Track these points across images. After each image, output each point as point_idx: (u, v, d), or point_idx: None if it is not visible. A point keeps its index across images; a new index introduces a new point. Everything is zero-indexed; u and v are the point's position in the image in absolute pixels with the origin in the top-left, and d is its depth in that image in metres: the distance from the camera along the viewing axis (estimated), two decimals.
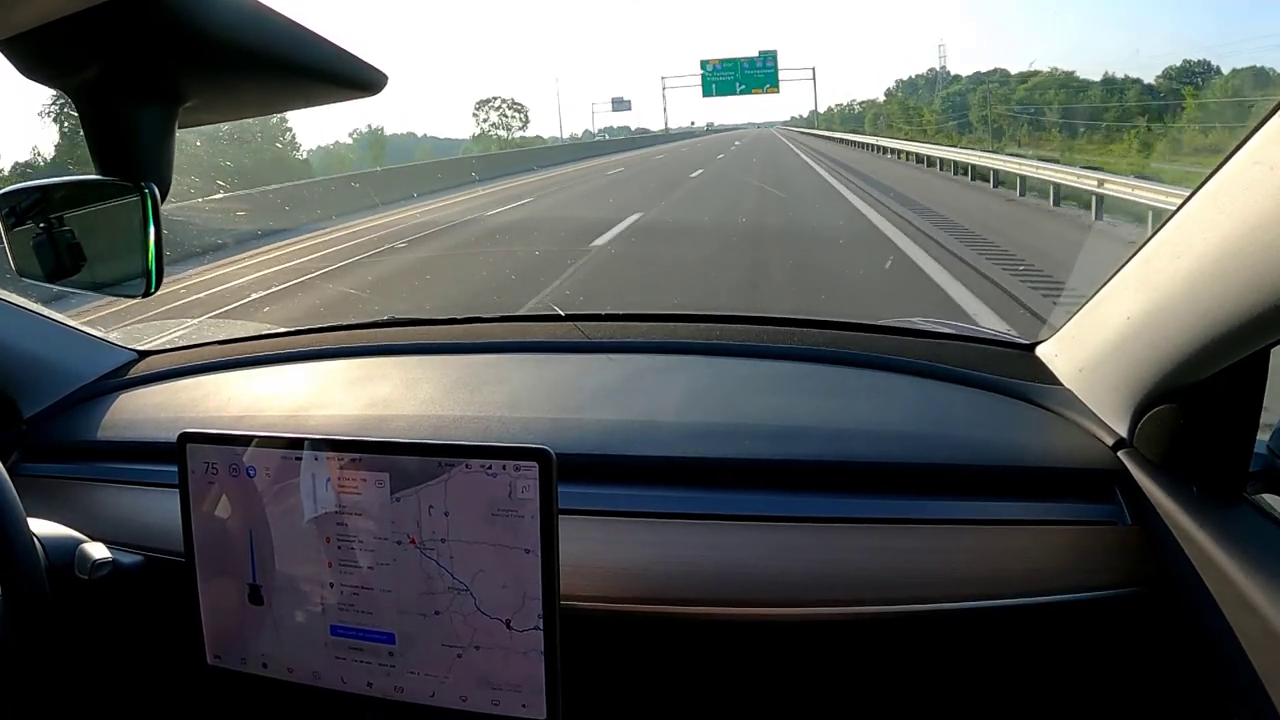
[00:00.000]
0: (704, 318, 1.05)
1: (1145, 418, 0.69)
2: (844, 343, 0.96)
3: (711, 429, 0.82)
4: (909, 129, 37.01)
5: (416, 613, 0.65)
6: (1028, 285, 4.79)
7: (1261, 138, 0.46)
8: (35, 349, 1.01)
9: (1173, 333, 0.58)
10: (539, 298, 4.94)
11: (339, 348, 1.09)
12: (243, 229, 9.48)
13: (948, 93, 40.59)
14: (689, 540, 0.73)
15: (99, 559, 0.73)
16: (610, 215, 8.88)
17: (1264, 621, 0.55)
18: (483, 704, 0.64)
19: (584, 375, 0.98)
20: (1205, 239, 0.52)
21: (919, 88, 46.41)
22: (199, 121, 0.49)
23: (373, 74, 0.46)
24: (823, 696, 0.73)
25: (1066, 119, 27.75)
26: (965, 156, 12.81)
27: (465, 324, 1.13)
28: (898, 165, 16.13)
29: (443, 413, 0.88)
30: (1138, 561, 0.68)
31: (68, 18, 0.35)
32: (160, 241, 0.48)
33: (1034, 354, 0.89)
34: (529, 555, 0.62)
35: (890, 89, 50.52)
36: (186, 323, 3.81)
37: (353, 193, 12.71)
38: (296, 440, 0.66)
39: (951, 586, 0.68)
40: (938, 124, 37.48)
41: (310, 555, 0.67)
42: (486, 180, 17.11)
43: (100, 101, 0.43)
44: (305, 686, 0.68)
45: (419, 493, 0.64)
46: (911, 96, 45.67)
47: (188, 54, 0.41)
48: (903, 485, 0.75)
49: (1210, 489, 0.65)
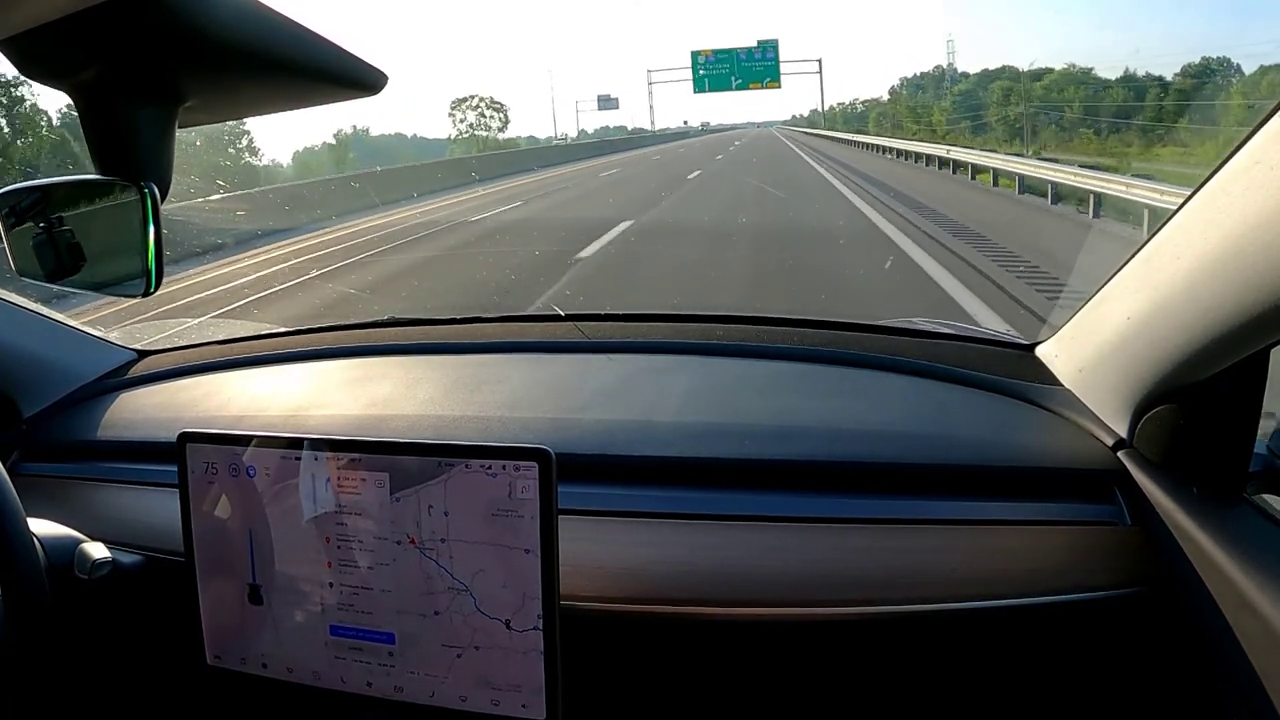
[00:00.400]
0: (704, 318, 1.05)
1: (1145, 418, 0.69)
2: (844, 343, 0.96)
3: (711, 429, 0.82)
4: (917, 128, 36.15)
5: (416, 613, 0.65)
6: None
7: (1262, 137, 0.46)
8: (35, 349, 1.01)
9: (1173, 333, 0.58)
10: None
11: (339, 348, 1.09)
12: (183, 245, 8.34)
13: (957, 91, 39.48)
14: (688, 540, 0.73)
15: (99, 559, 0.73)
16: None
17: (1264, 621, 0.55)
18: (482, 704, 0.64)
19: (584, 375, 0.98)
20: (1206, 239, 0.52)
21: (924, 86, 45.12)
22: (199, 121, 0.49)
23: (373, 74, 0.46)
24: (822, 696, 0.73)
25: (1090, 117, 26.45)
26: (1015, 165, 10.01)
27: (465, 324, 1.13)
28: (933, 176, 13.10)
29: (443, 413, 0.88)
30: (1138, 562, 0.68)
31: (67, 18, 0.35)
32: (160, 241, 0.48)
33: (1034, 354, 0.89)
34: (529, 555, 0.62)
35: (894, 87, 49.40)
36: (186, 322, 3.81)
37: (299, 205, 11.51)
38: (296, 440, 0.66)
39: (951, 586, 0.68)
40: (949, 124, 36.32)
41: (310, 555, 0.66)
42: (456, 189, 15.38)
43: (100, 101, 0.43)
44: (305, 686, 0.68)
45: (419, 493, 0.64)
46: (917, 95, 44.56)
47: (188, 54, 0.41)
48: (902, 485, 0.75)
49: (1210, 489, 0.65)
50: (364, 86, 0.46)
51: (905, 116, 41.42)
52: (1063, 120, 28.64)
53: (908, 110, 42.28)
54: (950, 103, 39.68)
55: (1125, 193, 6.39)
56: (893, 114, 43.96)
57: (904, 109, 43.18)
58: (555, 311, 1.10)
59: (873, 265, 5.65)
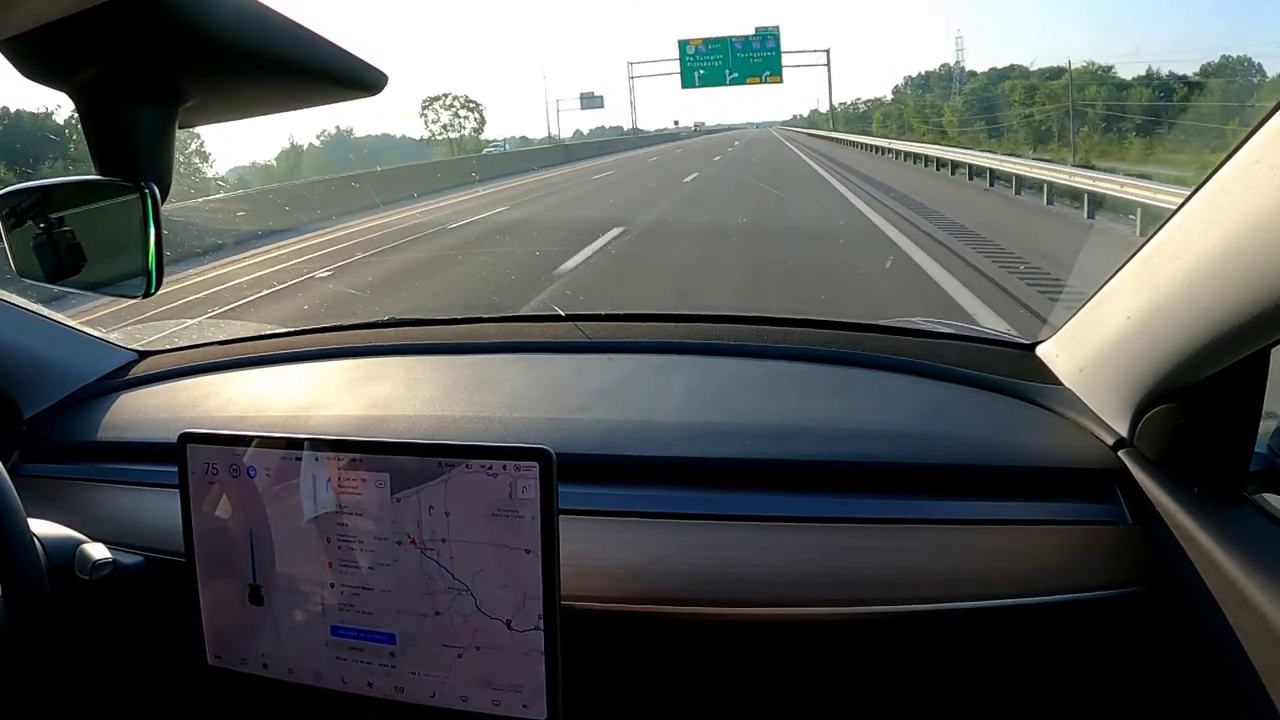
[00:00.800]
0: (704, 317, 1.06)
1: (1146, 417, 0.69)
2: (843, 342, 0.96)
3: (711, 429, 0.82)
4: (926, 129, 35.10)
5: (417, 613, 0.65)
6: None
7: (1262, 137, 0.46)
8: (35, 349, 1.01)
9: (1173, 332, 0.58)
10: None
11: (339, 348, 1.09)
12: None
13: (968, 90, 37.88)
14: (689, 540, 0.73)
15: (99, 559, 0.73)
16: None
17: (1264, 621, 0.55)
18: (483, 704, 0.64)
19: (584, 375, 0.98)
20: (1206, 239, 0.52)
21: (931, 85, 43.44)
22: (199, 121, 0.49)
23: (373, 74, 0.46)
24: (823, 696, 0.73)
25: (1124, 116, 24.52)
26: (1085, 180, 7.77)
27: (465, 324, 1.13)
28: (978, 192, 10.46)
29: (443, 413, 0.88)
30: (1138, 561, 0.68)
31: (68, 18, 0.35)
32: (160, 241, 0.48)
33: (1034, 354, 0.89)
34: (529, 555, 0.62)
35: (899, 86, 48.02)
36: (186, 322, 3.80)
37: (244, 218, 10.57)
38: (297, 440, 0.66)
39: (951, 586, 0.68)
40: (960, 125, 34.74)
41: (310, 555, 0.66)
42: (402, 203, 13.34)
43: (100, 101, 0.43)
44: (305, 687, 0.68)
45: (419, 493, 0.64)
46: (924, 94, 43.08)
47: (188, 54, 0.41)
48: (902, 485, 0.75)
49: (1210, 489, 0.65)
50: (364, 86, 0.46)
51: (913, 117, 40.18)
52: (1091, 120, 26.84)
53: (915, 110, 41.17)
54: (962, 102, 38.19)
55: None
56: (899, 114, 42.86)
57: (911, 109, 42.00)
58: (555, 311, 1.10)
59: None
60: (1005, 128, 32.16)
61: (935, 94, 42.43)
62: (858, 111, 52.91)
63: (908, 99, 44.41)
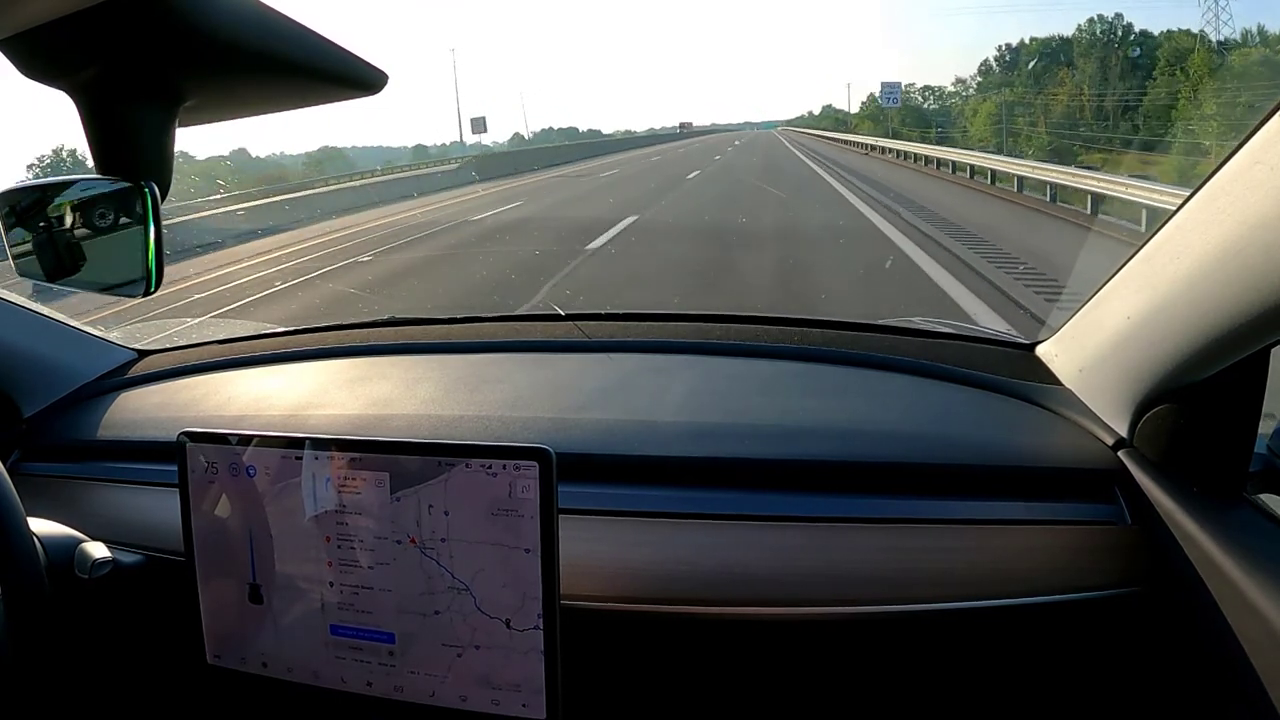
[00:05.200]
0: (704, 317, 1.06)
1: (1145, 417, 0.69)
2: (844, 342, 0.96)
3: (711, 428, 0.82)
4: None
5: (416, 612, 0.65)
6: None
7: (1262, 138, 0.46)
8: (35, 349, 1.01)
9: (1173, 333, 0.58)
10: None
11: (339, 347, 1.09)
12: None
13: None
14: (689, 540, 0.73)
15: (99, 558, 0.73)
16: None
17: (1264, 621, 0.55)
18: (482, 704, 0.64)
19: (584, 375, 0.98)
20: (1205, 239, 0.52)
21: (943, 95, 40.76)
22: (199, 121, 0.49)
23: (373, 74, 0.46)
24: (823, 696, 0.73)
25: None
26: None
27: (465, 323, 1.14)
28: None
29: (443, 412, 0.88)
30: (1138, 561, 0.68)
31: (68, 18, 0.35)
32: (160, 241, 0.48)
33: (1034, 354, 0.89)
34: (529, 555, 0.62)
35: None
36: (186, 322, 3.80)
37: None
38: (297, 440, 0.66)
39: (952, 586, 0.68)
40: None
41: (310, 555, 0.66)
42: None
43: (100, 101, 0.43)
44: (305, 686, 0.68)
45: (419, 492, 0.64)
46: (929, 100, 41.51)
47: (188, 54, 0.41)
48: (903, 485, 0.75)
49: (1210, 489, 0.65)
50: (364, 86, 0.46)
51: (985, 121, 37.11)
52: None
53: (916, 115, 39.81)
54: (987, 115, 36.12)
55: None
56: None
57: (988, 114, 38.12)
58: (555, 311, 1.10)
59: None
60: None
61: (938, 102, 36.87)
62: (916, 105, 39.38)
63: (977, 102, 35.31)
